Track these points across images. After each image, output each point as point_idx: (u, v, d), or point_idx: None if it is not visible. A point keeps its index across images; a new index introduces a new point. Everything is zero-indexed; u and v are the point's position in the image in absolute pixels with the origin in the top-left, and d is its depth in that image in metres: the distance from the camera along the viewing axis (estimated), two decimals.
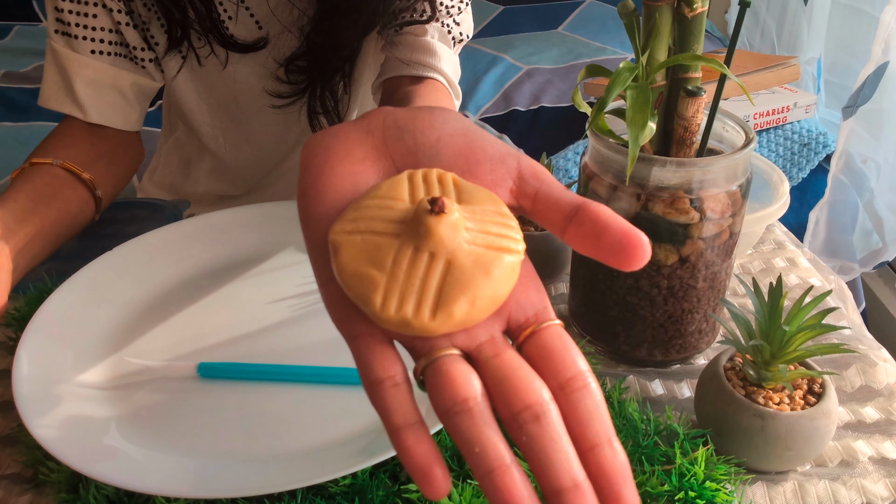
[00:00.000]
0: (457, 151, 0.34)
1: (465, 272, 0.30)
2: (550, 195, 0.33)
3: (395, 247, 0.30)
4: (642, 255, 0.29)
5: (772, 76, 1.37)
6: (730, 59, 0.47)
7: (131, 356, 0.52)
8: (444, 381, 0.28)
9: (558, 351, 0.30)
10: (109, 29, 0.70)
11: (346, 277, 0.30)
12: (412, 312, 0.29)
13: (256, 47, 0.73)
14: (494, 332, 0.31)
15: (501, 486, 0.27)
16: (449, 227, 0.30)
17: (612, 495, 0.27)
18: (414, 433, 0.28)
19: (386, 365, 0.30)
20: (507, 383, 0.28)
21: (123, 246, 0.59)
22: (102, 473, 0.40)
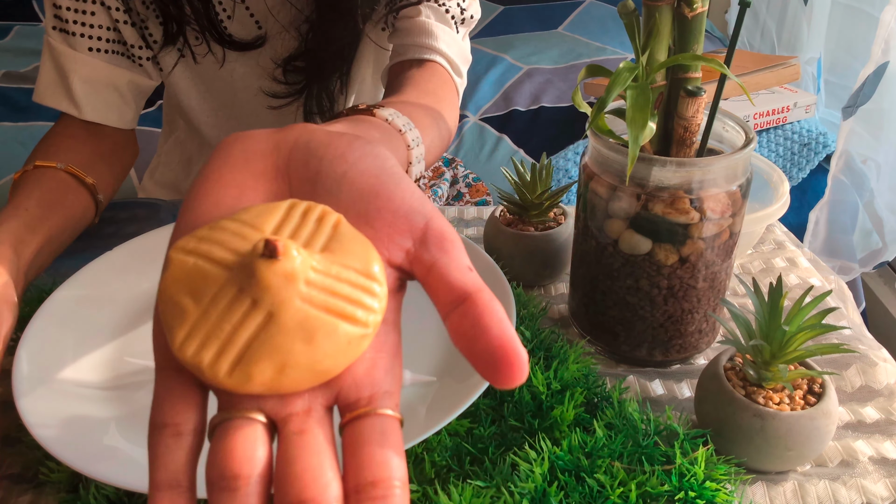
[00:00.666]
0: (360, 192, 0.30)
1: (283, 332, 0.25)
2: (446, 272, 0.28)
3: (223, 281, 0.26)
4: (515, 376, 0.25)
5: (772, 76, 1.37)
6: (730, 59, 0.47)
7: (131, 356, 0.52)
8: (223, 446, 0.25)
9: (372, 446, 0.25)
10: (107, 27, 0.70)
11: (163, 301, 0.27)
12: (208, 361, 0.25)
13: (253, 46, 0.73)
14: (315, 404, 0.26)
15: None
16: (280, 276, 0.26)
17: None
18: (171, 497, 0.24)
19: (177, 409, 0.26)
20: (292, 468, 0.24)
21: (123, 246, 0.59)
22: (102, 473, 0.40)
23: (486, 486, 0.42)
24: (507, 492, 0.41)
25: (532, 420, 0.47)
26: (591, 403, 0.50)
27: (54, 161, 0.66)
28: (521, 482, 0.41)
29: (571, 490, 0.41)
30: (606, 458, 0.43)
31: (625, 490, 0.41)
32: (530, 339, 0.53)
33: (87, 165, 0.69)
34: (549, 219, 0.64)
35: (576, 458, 0.43)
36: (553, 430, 0.47)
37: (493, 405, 0.49)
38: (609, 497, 0.41)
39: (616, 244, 0.52)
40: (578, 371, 0.50)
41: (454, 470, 0.44)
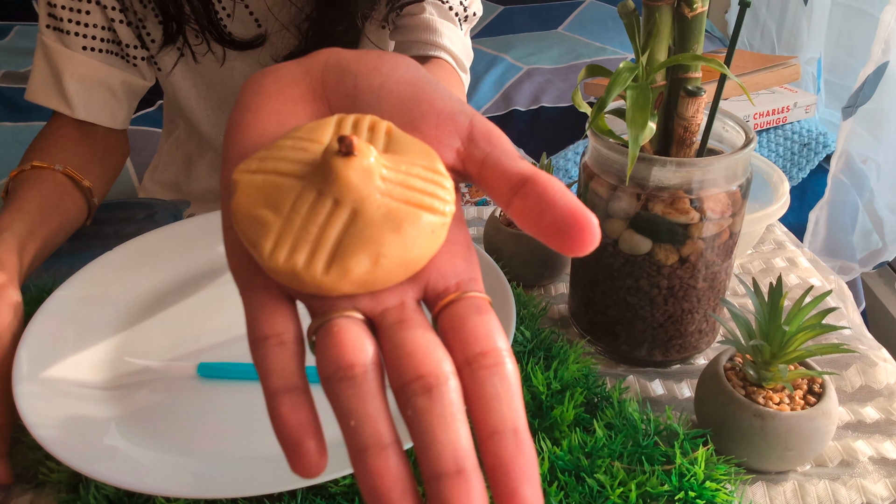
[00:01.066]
0: (401, 101, 0.30)
1: (371, 225, 0.26)
2: (499, 162, 0.28)
3: (298, 190, 0.26)
4: (588, 240, 0.25)
5: (772, 76, 1.37)
6: (730, 59, 0.47)
7: (131, 356, 0.52)
8: (332, 342, 0.25)
9: (473, 323, 0.25)
10: (102, 26, 0.70)
11: (240, 219, 0.27)
12: (303, 263, 0.25)
13: (254, 45, 0.73)
14: (406, 298, 0.26)
15: (372, 469, 0.23)
16: (359, 171, 0.26)
17: (506, 492, 0.23)
18: (291, 399, 0.25)
19: (274, 321, 0.26)
20: (401, 349, 0.24)
21: (123, 246, 0.59)
22: (102, 473, 0.40)
23: (486, 486, 0.42)
24: None
25: (532, 420, 0.47)
26: (591, 403, 0.50)
27: (50, 161, 0.66)
28: None
29: (571, 490, 0.41)
30: (606, 458, 0.43)
31: (625, 490, 0.41)
32: (530, 338, 0.53)
33: (81, 166, 0.69)
34: None
35: (576, 458, 0.43)
36: (553, 430, 0.47)
37: None
38: (609, 497, 0.41)
39: (616, 244, 0.52)
40: (578, 371, 0.50)
41: None
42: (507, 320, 0.49)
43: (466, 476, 0.23)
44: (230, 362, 0.51)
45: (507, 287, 0.53)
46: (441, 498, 0.22)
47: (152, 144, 1.50)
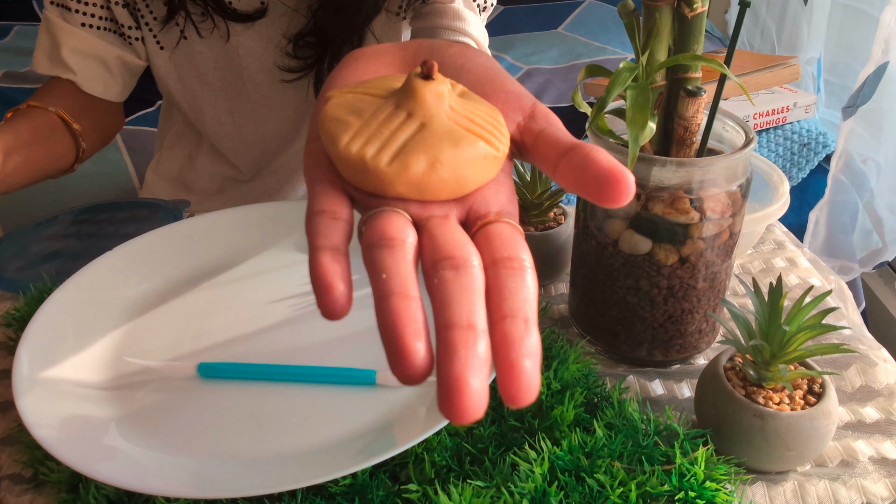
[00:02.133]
0: (478, 77, 0.35)
1: (434, 135, 0.30)
2: (553, 135, 0.32)
3: (380, 104, 0.31)
4: (625, 191, 0.28)
5: (772, 76, 1.37)
6: (730, 59, 0.47)
7: (131, 356, 0.52)
8: (380, 222, 0.28)
9: (504, 237, 0.29)
10: (101, 5, 0.74)
11: (326, 121, 0.31)
12: (371, 154, 0.29)
13: (254, 17, 0.74)
14: (451, 212, 0.30)
15: (394, 307, 0.25)
16: (433, 93, 0.30)
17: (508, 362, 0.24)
18: (332, 254, 0.27)
19: (332, 202, 0.30)
20: (438, 239, 0.28)
21: (123, 246, 0.59)
22: (102, 473, 0.40)
23: (486, 486, 0.42)
24: (507, 492, 0.41)
25: (532, 420, 0.47)
26: (591, 403, 0.50)
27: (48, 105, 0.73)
28: (521, 482, 0.41)
29: (571, 490, 0.41)
30: (606, 458, 0.43)
31: (625, 490, 0.41)
32: None
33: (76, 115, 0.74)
34: (549, 219, 0.64)
35: (576, 458, 0.43)
36: (553, 430, 0.47)
37: (493, 405, 0.49)
38: (609, 497, 0.41)
39: (616, 244, 0.52)
40: (578, 371, 0.50)
41: (454, 470, 0.44)
42: None
43: (476, 331, 0.25)
44: (230, 362, 0.51)
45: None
46: (450, 342, 0.24)
47: (152, 145, 1.50)
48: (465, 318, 0.25)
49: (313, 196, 0.30)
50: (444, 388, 0.23)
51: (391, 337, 0.24)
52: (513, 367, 0.24)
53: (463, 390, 0.23)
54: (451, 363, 0.24)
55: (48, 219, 0.77)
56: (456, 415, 0.23)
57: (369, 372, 0.49)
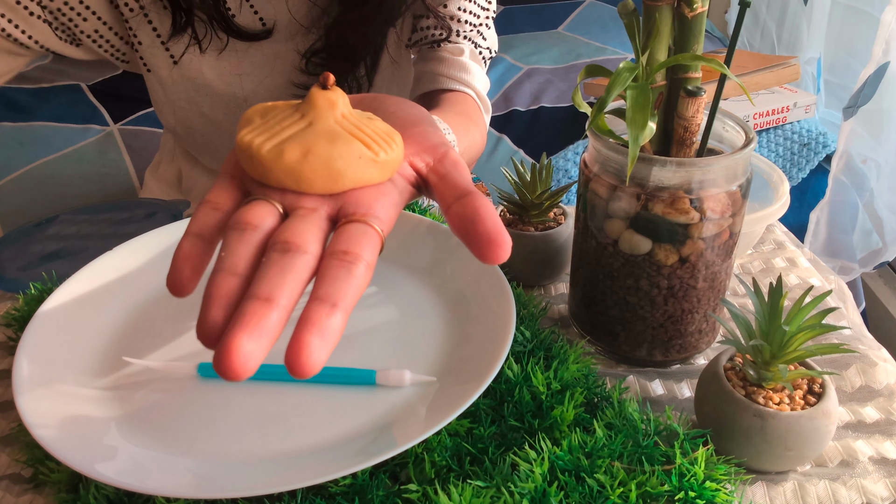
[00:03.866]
0: (403, 123, 0.39)
1: (315, 132, 0.34)
2: (454, 179, 0.36)
3: (287, 111, 0.36)
4: (500, 255, 0.32)
5: (772, 76, 1.37)
6: (730, 59, 0.47)
7: (131, 356, 0.52)
8: (244, 209, 0.32)
9: (352, 235, 0.31)
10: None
11: (241, 120, 0.36)
12: (257, 143, 0.34)
13: (260, 37, 0.74)
14: (320, 207, 0.33)
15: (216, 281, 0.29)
16: (325, 99, 0.35)
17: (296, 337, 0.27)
18: (193, 241, 0.31)
19: (220, 195, 0.34)
20: (287, 227, 0.31)
21: (123, 246, 0.59)
22: (102, 473, 0.40)
23: (486, 486, 0.42)
24: (507, 492, 0.41)
25: (532, 420, 0.47)
26: (591, 403, 0.50)
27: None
28: (521, 482, 0.41)
29: (571, 490, 0.41)
30: (606, 458, 0.43)
31: (625, 490, 0.41)
32: (530, 338, 0.53)
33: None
34: (549, 219, 0.64)
35: (576, 458, 0.43)
36: (553, 430, 0.47)
37: (493, 405, 0.49)
38: (609, 497, 0.41)
39: (616, 244, 0.52)
40: (578, 371, 0.50)
41: (454, 470, 0.44)
42: (507, 320, 0.49)
43: (272, 304, 0.27)
44: None
45: (507, 287, 0.53)
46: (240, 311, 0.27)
47: (152, 145, 1.50)
48: (265, 292, 0.28)
49: (213, 188, 0.35)
50: (218, 347, 0.27)
51: (203, 304, 0.28)
52: (299, 342, 0.27)
53: (233, 350, 0.26)
54: (232, 326, 0.27)
55: (48, 219, 0.77)
56: (221, 370, 0.26)
57: (369, 372, 0.49)
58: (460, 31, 0.79)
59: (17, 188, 1.41)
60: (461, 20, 0.79)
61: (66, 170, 1.45)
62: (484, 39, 0.83)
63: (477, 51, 0.82)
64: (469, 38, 0.80)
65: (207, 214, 0.33)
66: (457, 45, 0.80)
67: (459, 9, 0.78)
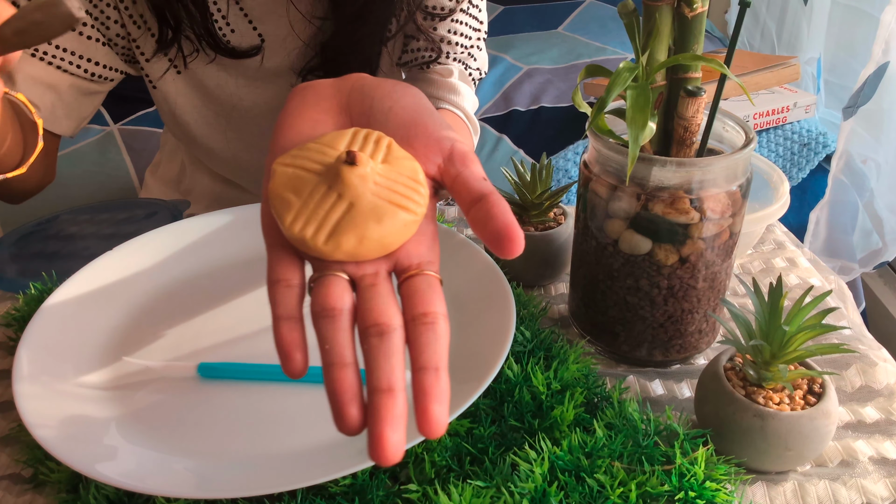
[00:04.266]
0: (403, 122, 0.40)
1: (360, 215, 0.36)
2: (467, 180, 0.38)
3: (315, 183, 0.37)
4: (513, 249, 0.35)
5: (772, 76, 1.37)
6: (730, 59, 0.47)
7: (131, 356, 0.52)
8: (322, 291, 0.34)
9: (422, 292, 0.35)
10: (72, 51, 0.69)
11: (273, 198, 0.37)
12: (311, 234, 0.35)
13: (249, 54, 0.74)
14: (380, 269, 0.36)
15: (334, 377, 0.32)
16: (357, 177, 0.36)
17: (421, 408, 0.31)
18: (289, 324, 0.34)
19: (285, 270, 0.36)
20: (369, 304, 0.34)
21: (123, 246, 0.59)
22: (102, 473, 0.40)
23: (486, 486, 0.42)
24: (507, 492, 0.41)
25: (532, 420, 0.47)
26: (591, 403, 0.50)
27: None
28: (521, 482, 0.41)
29: (571, 490, 0.41)
30: (606, 458, 0.43)
31: (625, 490, 0.41)
32: (530, 339, 0.53)
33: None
34: (549, 219, 0.64)
35: (576, 458, 0.43)
36: (553, 430, 0.47)
37: (493, 405, 0.49)
38: (609, 497, 0.41)
39: (616, 244, 0.52)
40: (578, 371, 0.50)
41: (454, 470, 0.44)
42: (506, 320, 0.49)
43: (394, 393, 0.31)
44: (230, 362, 0.51)
45: (507, 287, 0.53)
46: (375, 406, 0.31)
47: (152, 145, 1.50)
48: (385, 383, 0.31)
49: (271, 262, 0.37)
50: (371, 440, 0.30)
51: (333, 401, 0.32)
52: (424, 412, 0.31)
53: (384, 444, 0.30)
54: (374, 423, 0.31)
55: (48, 219, 0.77)
56: (380, 461, 0.30)
57: None
58: (450, 53, 0.80)
59: None
60: (452, 42, 0.79)
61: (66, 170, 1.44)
62: (474, 60, 0.83)
63: (467, 72, 0.82)
64: (459, 59, 0.81)
65: (286, 294, 0.35)
66: (446, 67, 0.80)
67: (450, 31, 0.78)
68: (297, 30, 0.74)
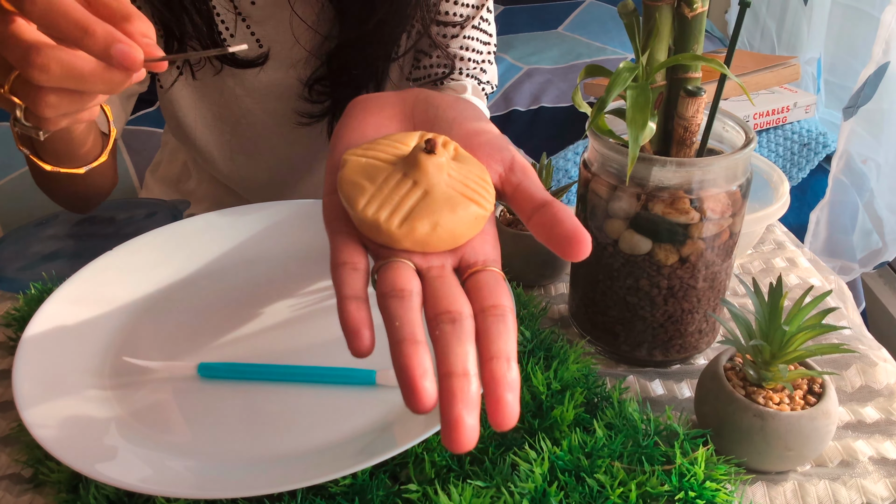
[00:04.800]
0: (466, 131, 0.41)
1: (435, 202, 0.36)
2: (528, 189, 0.39)
3: (389, 170, 0.37)
4: (582, 251, 0.35)
5: (772, 76, 1.37)
6: (730, 59, 0.47)
7: (131, 356, 0.52)
8: (390, 274, 0.34)
9: (490, 286, 0.35)
10: None
11: (344, 184, 0.37)
12: (385, 218, 0.35)
13: (255, 64, 0.74)
14: (446, 262, 0.36)
15: (406, 352, 0.31)
16: (434, 165, 0.36)
17: (494, 396, 0.30)
18: (356, 303, 0.33)
19: (351, 254, 0.36)
20: (438, 293, 0.34)
21: (123, 246, 0.59)
22: (102, 473, 0.40)
23: (486, 486, 0.42)
24: (507, 492, 0.41)
25: (532, 420, 0.47)
26: (591, 403, 0.50)
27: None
28: (521, 482, 0.41)
29: (571, 490, 0.41)
30: (606, 458, 0.43)
31: (625, 490, 0.41)
32: (530, 339, 0.53)
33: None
34: None
35: (576, 458, 0.43)
36: (553, 430, 0.47)
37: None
38: (609, 497, 0.41)
39: (616, 244, 0.52)
40: (578, 371, 0.50)
41: (454, 470, 0.44)
42: None
43: (469, 378, 0.30)
44: (230, 362, 0.51)
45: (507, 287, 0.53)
46: (449, 389, 0.30)
47: (152, 144, 1.50)
48: (461, 367, 0.31)
49: (335, 247, 0.36)
50: (445, 425, 0.29)
51: (405, 377, 0.30)
52: (498, 401, 0.30)
53: (461, 427, 0.29)
54: (450, 406, 0.29)
55: (48, 219, 0.77)
56: (456, 447, 0.29)
57: (369, 372, 0.49)
58: (463, 70, 0.79)
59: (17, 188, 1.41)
60: (464, 58, 0.78)
61: None
62: (485, 74, 0.82)
63: (479, 87, 0.82)
64: (472, 74, 0.80)
65: (353, 276, 0.34)
66: (460, 83, 0.79)
67: (462, 47, 0.78)
68: (302, 40, 0.73)
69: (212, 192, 0.93)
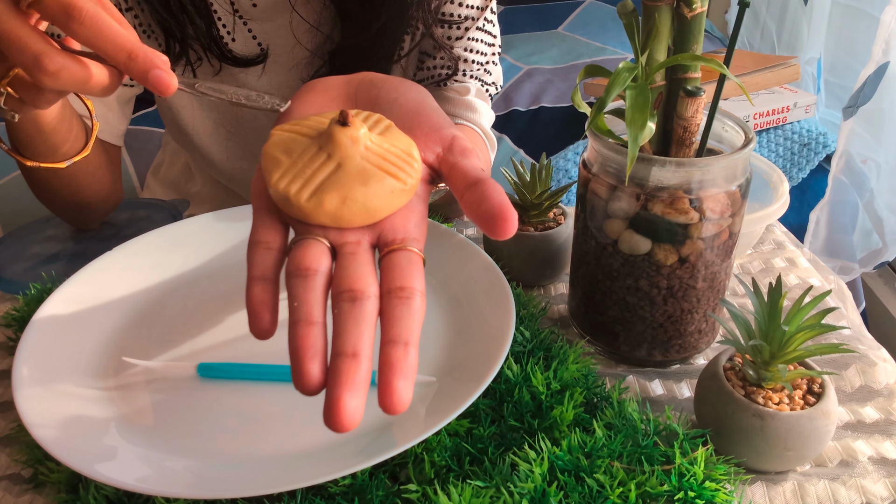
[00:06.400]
0: (407, 111, 0.41)
1: (346, 175, 0.36)
2: (463, 168, 0.38)
3: (307, 145, 0.37)
4: (507, 228, 0.34)
5: (772, 76, 1.37)
6: (729, 59, 0.47)
7: (131, 356, 0.52)
8: (299, 252, 0.34)
9: (401, 267, 0.34)
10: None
11: (264, 158, 0.37)
12: (294, 191, 0.35)
13: (254, 62, 0.74)
14: (363, 239, 0.36)
15: (298, 333, 0.31)
16: (348, 137, 0.36)
17: (384, 381, 0.30)
18: (262, 285, 0.33)
19: (267, 233, 0.36)
20: (345, 271, 0.33)
21: (123, 246, 0.60)
22: (102, 473, 0.40)
23: (486, 486, 0.42)
24: (507, 492, 0.41)
25: (532, 420, 0.47)
26: (590, 403, 0.50)
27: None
28: (521, 482, 0.41)
29: (571, 490, 0.41)
30: (606, 458, 0.43)
31: (624, 490, 0.41)
32: (530, 339, 0.53)
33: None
34: (548, 219, 0.64)
35: (575, 458, 0.43)
36: (553, 430, 0.47)
37: (493, 405, 0.49)
38: (609, 497, 0.41)
39: (616, 244, 0.52)
40: (578, 371, 0.50)
41: (454, 470, 0.44)
42: (506, 320, 0.49)
43: (359, 359, 0.30)
44: (230, 362, 0.51)
45: (507, 287, 0.53)
46: (335, 369, 0.30)
47: (152, 144, 1.50)
48: (350, 348, 0.30)
49: (254, 225, 0.36)
50: (327, 404, 0.29)
51: (293, 358, 0.30)
52: (387, 385, 0.30)
53: (339, 408, 0.29)
54: (331, 386, 0.29)
55: (48, 219, 0.77)
56: (333, 426, 0.29)
57: None
58: (467, 71, 0.79)
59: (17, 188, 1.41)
60: (468, 60, 0.78)
61: None
62: (490, 75, 0.82)
63: (483, 88, 0.82)
64: (476, 76, 0.80)
65: (263, 256, 0.35)
66: (463, 84, 0.79)
67: (466, 49, 0.78)
68: (303, 40, 0.73)
69: (214, 194, 0.93)
